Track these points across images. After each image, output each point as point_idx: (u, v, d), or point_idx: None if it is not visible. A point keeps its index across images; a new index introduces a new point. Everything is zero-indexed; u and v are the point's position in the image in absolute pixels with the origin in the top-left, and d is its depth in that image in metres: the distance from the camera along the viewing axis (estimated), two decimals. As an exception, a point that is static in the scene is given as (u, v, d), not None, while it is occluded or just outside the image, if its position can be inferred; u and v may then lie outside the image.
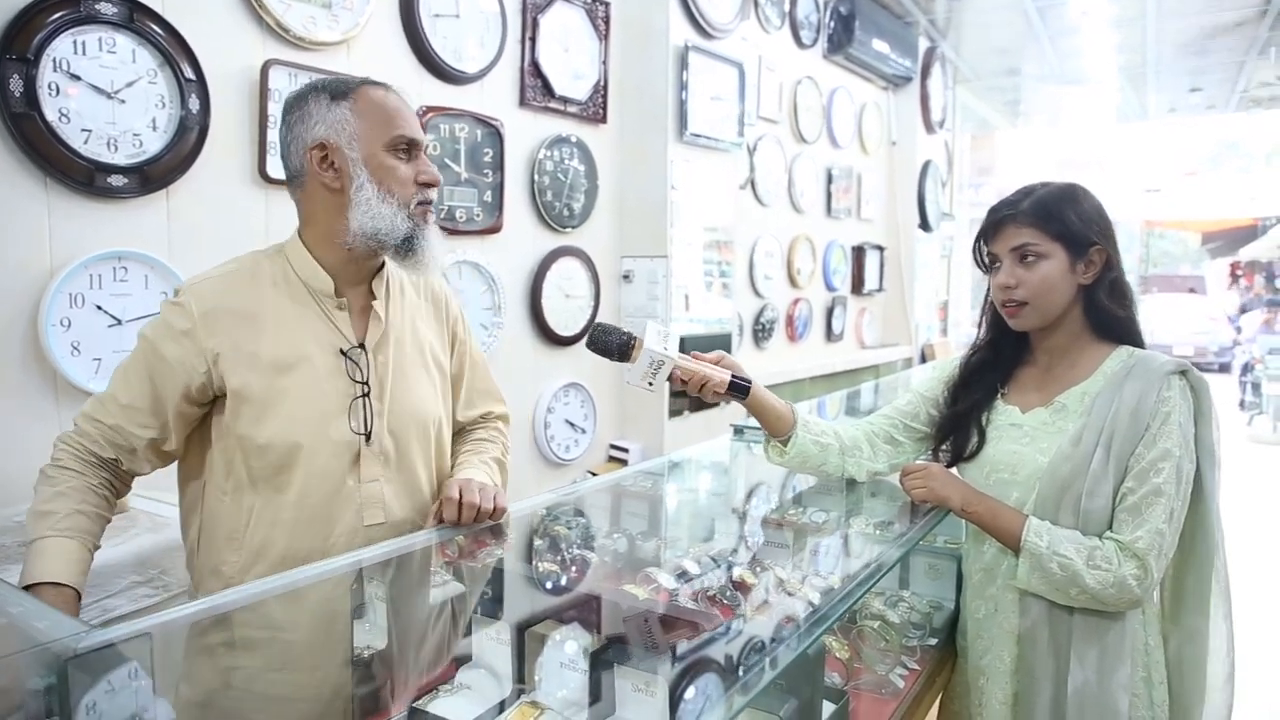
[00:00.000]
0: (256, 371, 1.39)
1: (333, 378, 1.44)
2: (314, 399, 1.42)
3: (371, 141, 1.42)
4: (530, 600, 1.35)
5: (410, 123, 1.46)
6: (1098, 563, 1.40)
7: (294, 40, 2.33)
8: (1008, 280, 1.54)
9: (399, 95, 1.48)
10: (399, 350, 1.54)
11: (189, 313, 1.39)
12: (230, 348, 1.38)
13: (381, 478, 1.47)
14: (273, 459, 1.39)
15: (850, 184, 5.54)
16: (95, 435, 1.40)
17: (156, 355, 1.39)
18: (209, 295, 1.41)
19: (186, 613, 0.98)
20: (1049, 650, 1.48)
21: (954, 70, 7.01)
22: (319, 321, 1.45)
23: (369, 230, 1.41)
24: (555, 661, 1.07)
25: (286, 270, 1.47)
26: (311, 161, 1.42)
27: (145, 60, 2.05)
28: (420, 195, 1.46)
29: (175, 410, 1.39)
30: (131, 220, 2.06)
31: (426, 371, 1.59)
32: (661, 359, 1.56)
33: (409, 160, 1.45)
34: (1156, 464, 1.42)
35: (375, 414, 1.47)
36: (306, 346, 1.43)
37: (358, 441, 1.44)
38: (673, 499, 1.92)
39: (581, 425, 3.38)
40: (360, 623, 1.30)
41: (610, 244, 3.50)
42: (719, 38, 3.65)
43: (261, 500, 1.40)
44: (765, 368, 4.65)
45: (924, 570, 1.85)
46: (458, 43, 2.78)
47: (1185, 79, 7.49)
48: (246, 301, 1.42)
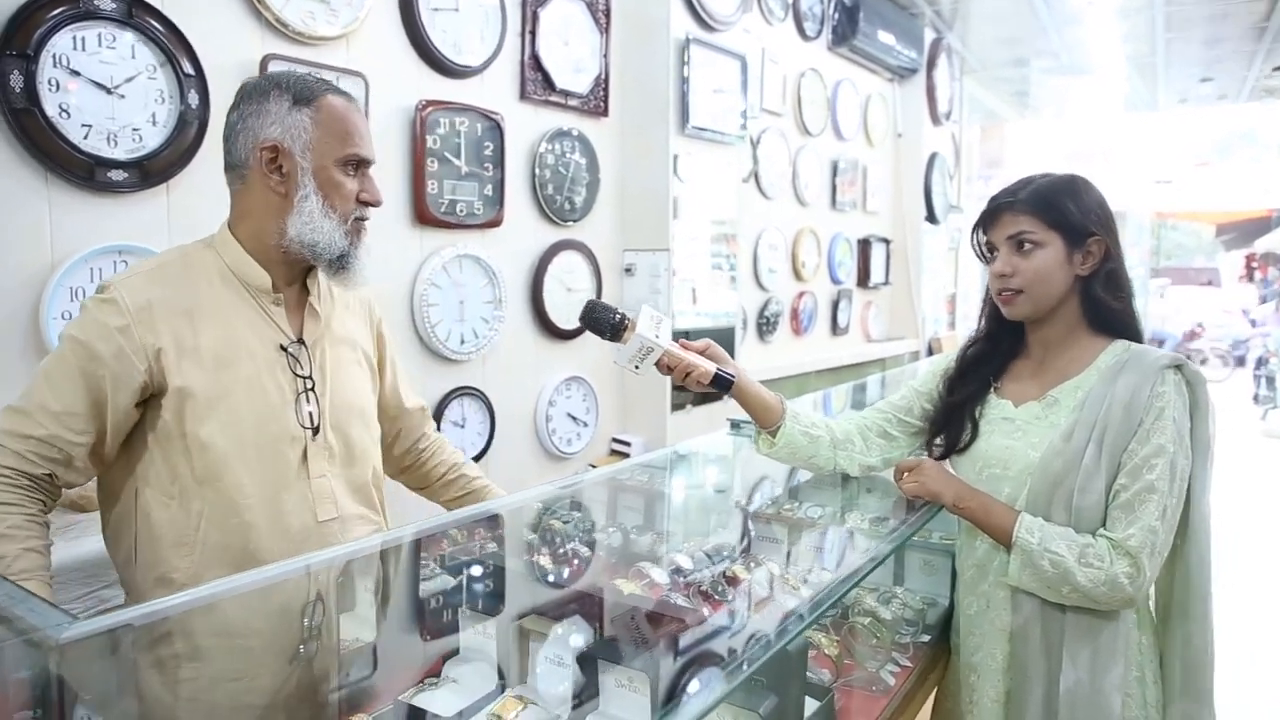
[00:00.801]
0: (200, 367, 1.37)
1: (274, 373, 1.43)
2: (259, 394, 1.41)
3: (325, 154, 1.42)
4: (519, 594, 1.36)
5: (365, 141, 1.48)
6: (1089, 560, 1.39)
7: (293, 35, 2.34)
8: (1004, 268, 1.54)
9: (358, 109, 1.50)
10: (335, 346, 1.55)
11: (122, 308, 1.34)
12: (171, 343, 1.36)
13: (329, 473, 1.47)
14: (219, 457, 1.36)
15: (855, 176, 5.52)
16: (24, 452, 1.32)
17: (90, 355, 1.33)
18: (142, 289, 1.37)
19: (171, 604, 0.99)
20: (1041, 649, 1.48)
21: (961, 61, 6.98)
22: (256, 317, 1.44)
23: (306, 240, 1.42)
24: (541, 656, 1.08)
25: (220, 265, 1.45)
26: (260, 160, 1.42)
27: (145, 56, 2.06)
28: (359, 212, 1.48)
29: (114, 413, 1.34)
30: (132, 214, 2.07)
31: (359, 367, 1.61)
32: (651, 345, 1.58)
33: (355, 176, 1.47)
34: (1150, 460, 1.41)
35: (319, 410, 1.47)
36: (247, 342, 1.42)
37: (304, 436, 1.44)
38: (669, 493, 1.93)
39: (583, 419, 3.39)
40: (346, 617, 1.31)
41: (612, 237, 3.50)
42: (720, 30, 3.64)
43: (210, 502, 1.37)
44: (770, 361, 4.65)
45: (918, 566, 1.85)
46: (457, 36, 2.78)
47: (1195, 68, 7.42)
48: (182, 296, 1.39)
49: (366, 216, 1.50)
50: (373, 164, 1.51)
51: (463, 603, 1.30)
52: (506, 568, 1.52)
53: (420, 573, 1.39)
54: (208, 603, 1.01)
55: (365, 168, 1.49)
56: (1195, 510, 1.48)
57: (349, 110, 1.46)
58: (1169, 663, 1.51)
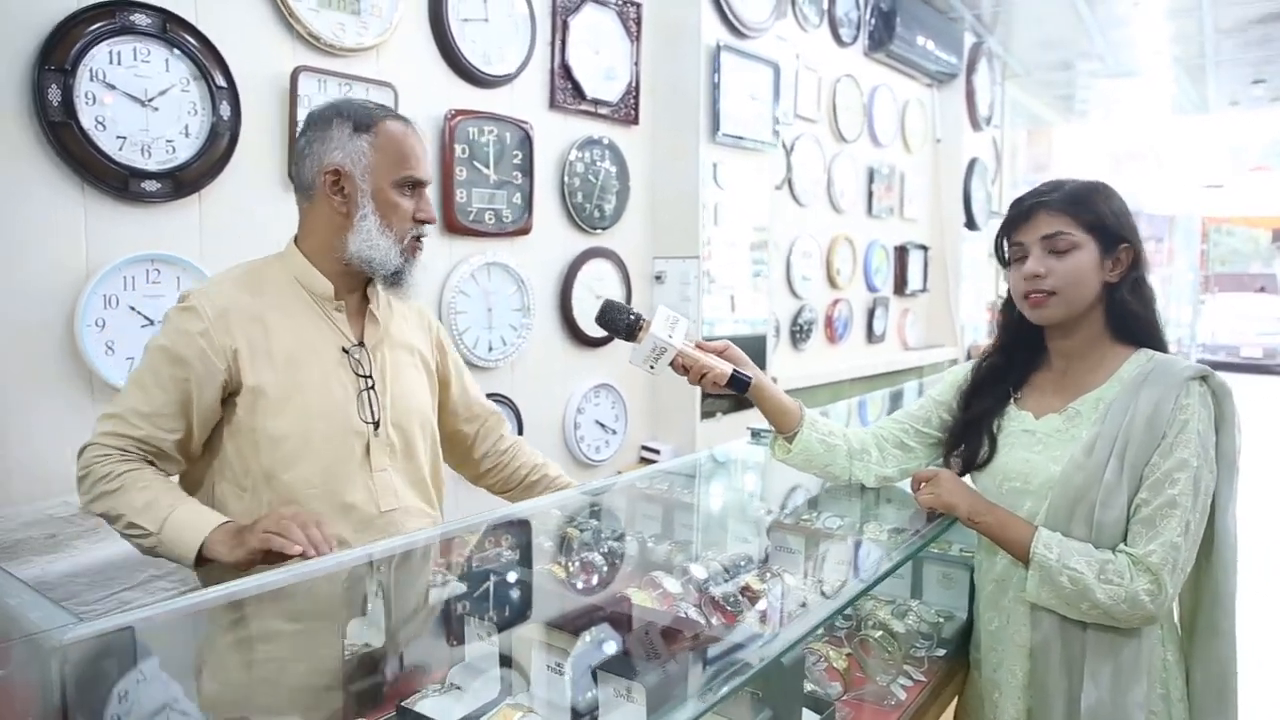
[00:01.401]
0: (271, 367, 1.49)
1: (338, 372, 1.55)
2: (325, 392, 1.52)
3: (382, 177, 1.53)
4: (529, 602, 1.36)
5: (420, 164, 1.58)
6: (1109, 577, 1.36)
7: (324, 47, 2.38)
8: (1037, 268, 1.48)
9: (415, 133, 1.59)
10: (393, 350, 1.66)
11: (203, 315, 1.47)
12: (245, 345, 1.48)
13: (389, 466, 1.58)
14: (289, 450, 1.48)
15: (892, 183, 5.47)
16: (125, 446, 1.45)
17: (176, 360, 1.46)
18: (219, 297, 1.50)
19: (175, 606, 1.01)
20: (1061, 666, 1.44)
21: (1002, 66, 6.88)
22: (321, 322, 1.57)
23: (364, 256, 1.53)
24: (541, 664, 1.08)
25: (288, 275, 1.58)
26: (324, 183, 1.53)
27: (178, 69, 2.11)
28: (415, 230, 1.59)
29: (200, 410, 1.47)
30: (164, 224, 2.12)
31: (417, 370, 1.72)
32: (664, 346, 1.59)
33: (411, 197, 1.57)
34: (1172, 474, 1.37)
35: (380, 406, 1.58)
36: (313, 344, 1.54)
37: (367, 431, 1.56)
38: (687, 501, 1.92)
39: (612, 426, 3.39)
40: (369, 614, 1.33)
41: (642, 245, 3.50)
42: (753, 37, 3.63)
43: (279, 493, 1.47)
44: (803, 369, 4.61)
45: (936, 579, 1.81)
46: (486, 46, 2.81)
47: (1247, 70, 7.24)
48: (254, 303, 1.51)
49: (423, 234, 1.61)
50: (428, 184, 1.61)
51: (468, 609, 1.31)
52: (521, 575, 1.53)
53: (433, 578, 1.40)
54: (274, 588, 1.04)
55: (421, 188, 1.59)
56: (1220, 525, 1.43)
57: (405, 135, 1.56)
58: (1194, 680, 1.47)
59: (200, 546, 1.34)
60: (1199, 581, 1.46)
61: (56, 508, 1.80)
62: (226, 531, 1.36)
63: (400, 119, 1.58)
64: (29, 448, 1.92)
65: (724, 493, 2.17)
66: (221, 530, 1.36)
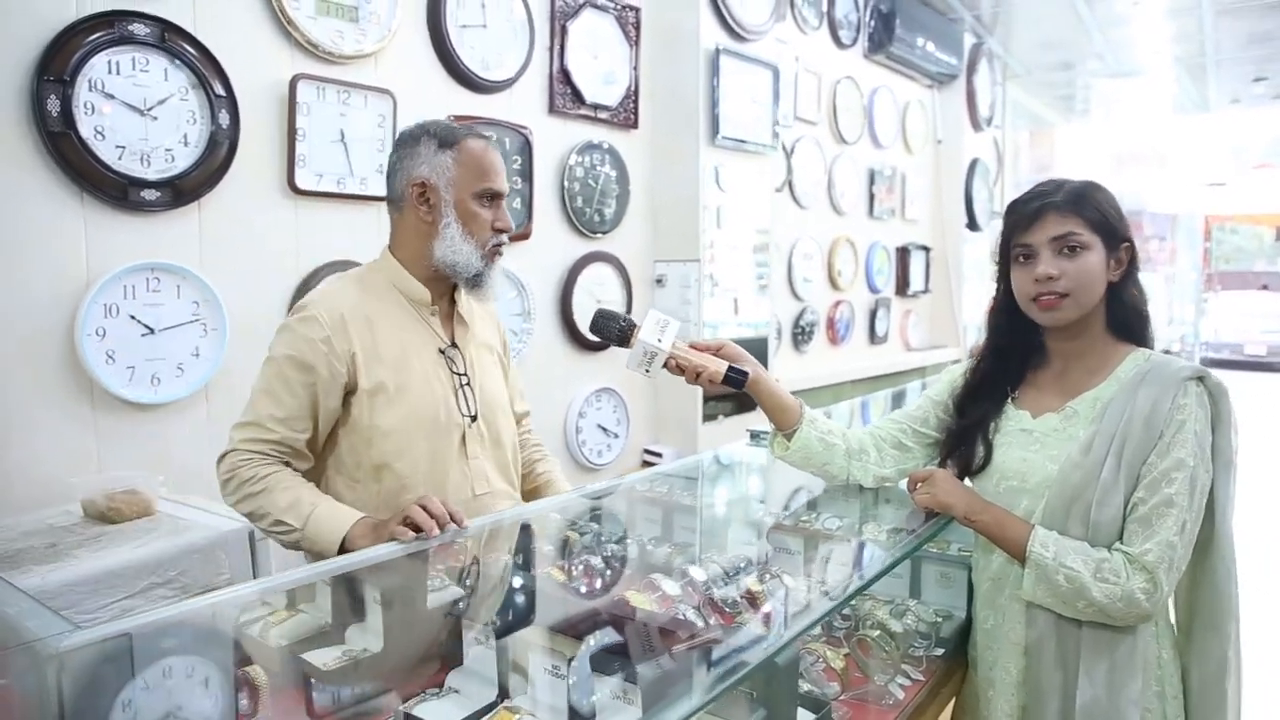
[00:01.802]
0: (382, 368, 1.63)
1: (438, 371, 1.70)
2: (428, 389, 1.67)
3: (464, 189, 1.66)
4: (527, 605, 1.36)
5: (499, 177, 1.70)
6: (1105, 575, 1.35)
7: (322, 55, 2.39)
8: (1050, 269, 1.46)
9: (495, 149, 1.72)
10: (479, 349, 1.81)
11: (323, 322, 1.60)
12: (360, 348, 1.62)
13: (481, 455, 1.74)
14: (398, 442, 1.62)
15: (894, 184, 5.47)
16: (264, 451, 1.59)
17: (303, 366, 1.58)
18: (335, 306, 1.63)
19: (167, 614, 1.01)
20: (1056, 663, 1.44)
21: (1003, 66, 6.88)
22: (419, 324, 1.71)
23: (449, 261, 1.66)
24: (539, 667, 1.08)
25: (386, 282, 1.71)
26: (411, 194, 1.67)
27: (177, 78, 2.12)
28: (495, 239, 1.70)
29: (325, 411, 1.61)
30: (164, 233, 2.13)
31: (497, 367, 1.87)
32: (654, 350, 1.61)
33: (490, 208, 1.69)
34: (1169, 474, 1.36)
35: (474, 400, 1.73)
36: (414, 345, 1.68)
37: (464, 424, 1.71)
38: (687, 504, 1.92)
39: (614, 430, 3.39)
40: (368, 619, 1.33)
41: (642, 249, 3.50)
42: (752, 40, 3.64)
43: (387, 483, 1.63)
44: (806, 370, 4.61)
45: (935, 579, 1.80)
46: (485, 52, 2.81)
47: (1248, 68, 7.23)
48: (362, 308, 1.65)
49: (502, 241, 1.72)
50: (504, 196, 1.72)
51: (466, 613, 1.31)
52: (520, 579, 1.53)
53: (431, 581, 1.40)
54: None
55: (499, 200, 1.70)
56: (1219, 524, 1.42)
57: (485, 151, 1.69)
58: (1191, 678, 1.46)
59: (342, 540, 1.48)
60: (1197, 580, 1.46)
61: (57, 517, 1.81)
62: (366, 525, 1.49)
63: (482, 137, 1.70)
64: (30, 456, 1.93)
65: (724, 495, 2.16)
66: (361, 524, 1.50)
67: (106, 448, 2.05)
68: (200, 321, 2.18)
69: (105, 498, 1.75)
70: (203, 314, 2.18)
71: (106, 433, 2.05)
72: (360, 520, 1.50)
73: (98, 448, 2.04)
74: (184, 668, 1.10)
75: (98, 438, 2.04)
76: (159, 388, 2.12)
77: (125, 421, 2.08)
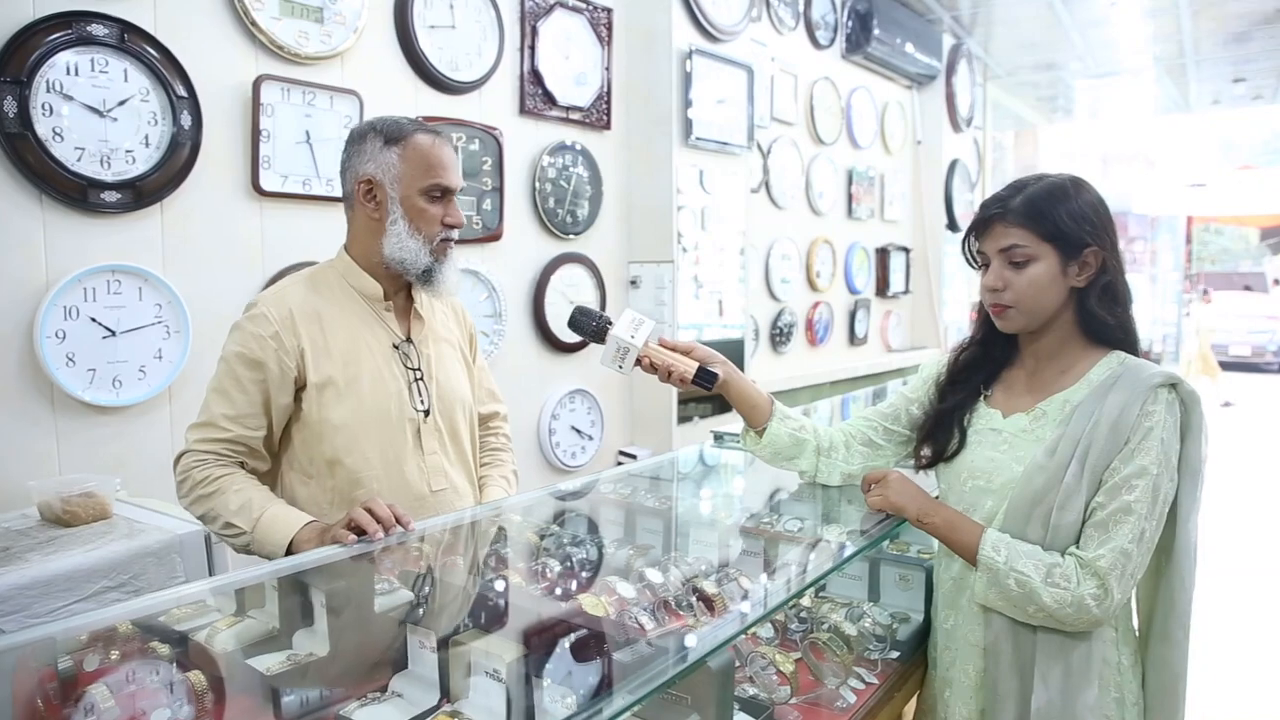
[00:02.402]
0: (332, 363, 1.63)
1: (390, 365, 1.69)
2: (380, 383, 1.67)
3: (410, 185, 1.65)
4: (476, 608, 1.36)
5: (447, 172, 1.68)
6: (1056, 580, 1.35)
7: (287, 56, 2.38)
8: (994, 282, 1.48)
9: (444, 144, 1.69)
10: (438, 344, 1.80)
11: (270, 319, 1.61)
12: (309, 344, 1.62)
13: (439, 450, 1.74)
14: (349, 437, 1.62)
15: (873, 185, 5.48)
16: (218, 451, 1.59)
17: (253, 363, 1.59)
18: (283, 302, 1.64)
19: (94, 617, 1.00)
20: (1013, 667, 1.43)
21: (983, 67, 6.91)
22: (372, 320, 1.71)
23: (397, 258, 1.66)
24: (479, 671, 1.08)
25: (339, 278, 1.71)
26: (359, 192, 1.67)
27: (137, 79, 2.11)
28: (443, 234, 1.69)
29: (277, 407, 1.61)
30: (125, 235, 2.12)
31: (458, 363, 1.86)
32: (627, 345, 1.62)
33: (439, 203, 1.67)
34: (1130, 480, 1.36)
35: (428, 396, 1.72)
36: (366, 340, 1.68)
37: (418, 418, 1.70)
38: (649, 506, 1.92)
39: (588, 432, 3.39)
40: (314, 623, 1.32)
41: (616, 250, 3.50)
42: (725, 40, 3.64)
43: (340, 478, 1.63)
44: (784, 372, 4.62)
45: (894, 581, 1.80)
46: (454, 53, 2.81)
47: (1227, 69, 7.28)
48: (313, 306, 1.65)
49: (451, 237, 1.71)
50: (455, 191, 1.71)
51: (411, 616, 1.30)
52: (470, 581, 1.52)
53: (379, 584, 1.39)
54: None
55: (449, 195, 1.69)
56: (1180, 533, 1.41)
57: (433, 146, 1.67)
58: (1148, 683, 1.46)
59: (290, 543, 1.48)
60: (1156, 587, 1.46)
61: (13, 520, 1.79)
62: (313, 530, 1.49)
63: (431, 132, 1.68)
64: (-13, 460, 1.92)
65: (688, 497, 2.16)
66: (308, 529, 1.49)
67: (67, 451, 2.04)
68: (163, 324, 2.17)
69: (61, 500, 1.74)
70: (165, 316, 2.17)
71: (67, 436, 2.04)
72: (307, 524, 1.50)
73: (58, 451, 2.03)
74: (121, 673, 1.09)
75: (58, 441, 2.03)
76: (121, 390, 2.10)
77: (86, 424, 2.07)
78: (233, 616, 1.37)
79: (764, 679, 1.41)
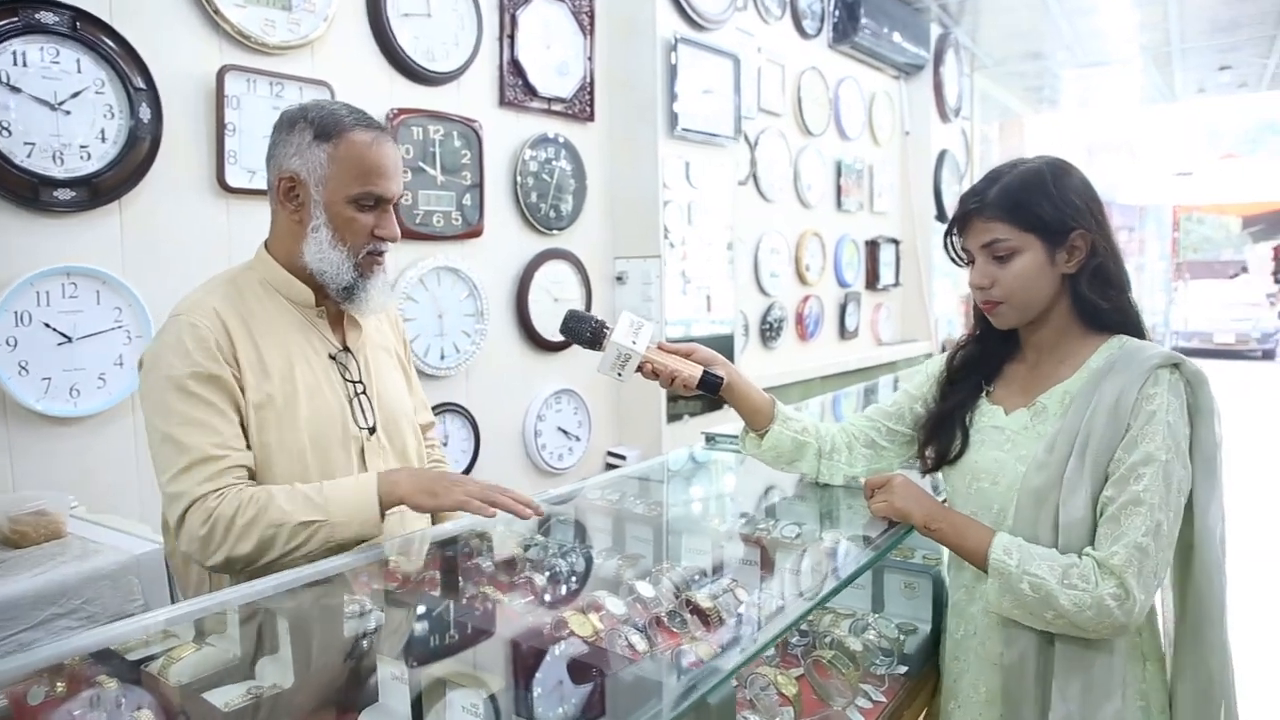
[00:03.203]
0: (266, 379, 1.44)
1: (329, 379, 1.52)
2: (319, 399, 1.49)
3: (338, 191, 1.45)
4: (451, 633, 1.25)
5: (383, 180, 1.47)
6: (1073, 581, 1.25)
7: (253, 45, 2.26)
8: (980, 280, 1.41)
9: (385, 146, 1.48)
10: (375, 353, 1.64)
11: (203, 327, 1.40)
12: (244, 358, 1.43)
13: (384, 470, 1.52)
14: (287, 460, 1.43)
15: (861, 176, 5.39)
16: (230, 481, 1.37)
17: (209, 379, 1.38)
18: (212, 311, 1.43)
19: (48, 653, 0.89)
20: (1031, 680, 1.35)
21: (970, 57, 6.83)
22: (304, 328, 1.52)
23: (316, 268, 1.47)
24: (455, 706, 0.98)
25: (263, 284, 1.51)
26: (280, 188, 1.47)
27: (91, 70, 1.99)
28: (372, 246, 1.50)
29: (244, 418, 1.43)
30: (81, 234, 2.00)
31: (397, 372, 1.70)
32: (629, 352, 1.52)
33: (372, 212, 1.48)
34: (1137, 469, 1.27)
35: (372, 410, 1.56)
36: (301, 351, 1.50)
37: (362, 436, 1.53)
38: (639, 512, 1.82)
39: (575, 433, 3.29)
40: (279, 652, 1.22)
41: (601, 245, 3.40)
42: (711, 29, 3.54)
43: None
44: (775, 367, 4.53)
45: (899, 589, 1.70)
46: (430, 42, 2.70)
47: (1213, 57, 7.22)
48: (239, 311, 1.46)
49: (381, 250, 1.52)
50: (393, 199, 1.51)
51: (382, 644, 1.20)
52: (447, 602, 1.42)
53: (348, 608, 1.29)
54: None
55: (385, 204, 1.49)
56: (1200, 524, 1.32)
57: (370, 148, 1.45)
58: (1178, 694, 1.37)
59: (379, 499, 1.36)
60: (1184, 586, 1.36)
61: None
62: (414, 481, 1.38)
63: (371, 129, 1.47)
64: (-66, 477, 1.80)
65: (679, 501, 2.07)
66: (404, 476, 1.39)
67: (21, 465, 1.92)
68: (123, 329, 2.05)
69: (9, 520, 1.62)
70: (125, 321, 2.05)
71: (21, 449, 1.92)
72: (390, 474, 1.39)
73: (11, 465, 1.91)
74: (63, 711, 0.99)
75: (11, 455, 1.91)
76: (79, 400, 1.99)
77: (42, 437, 1.95)
78: (191, 644, 1.27)
79: (765, 702, 1.32)
